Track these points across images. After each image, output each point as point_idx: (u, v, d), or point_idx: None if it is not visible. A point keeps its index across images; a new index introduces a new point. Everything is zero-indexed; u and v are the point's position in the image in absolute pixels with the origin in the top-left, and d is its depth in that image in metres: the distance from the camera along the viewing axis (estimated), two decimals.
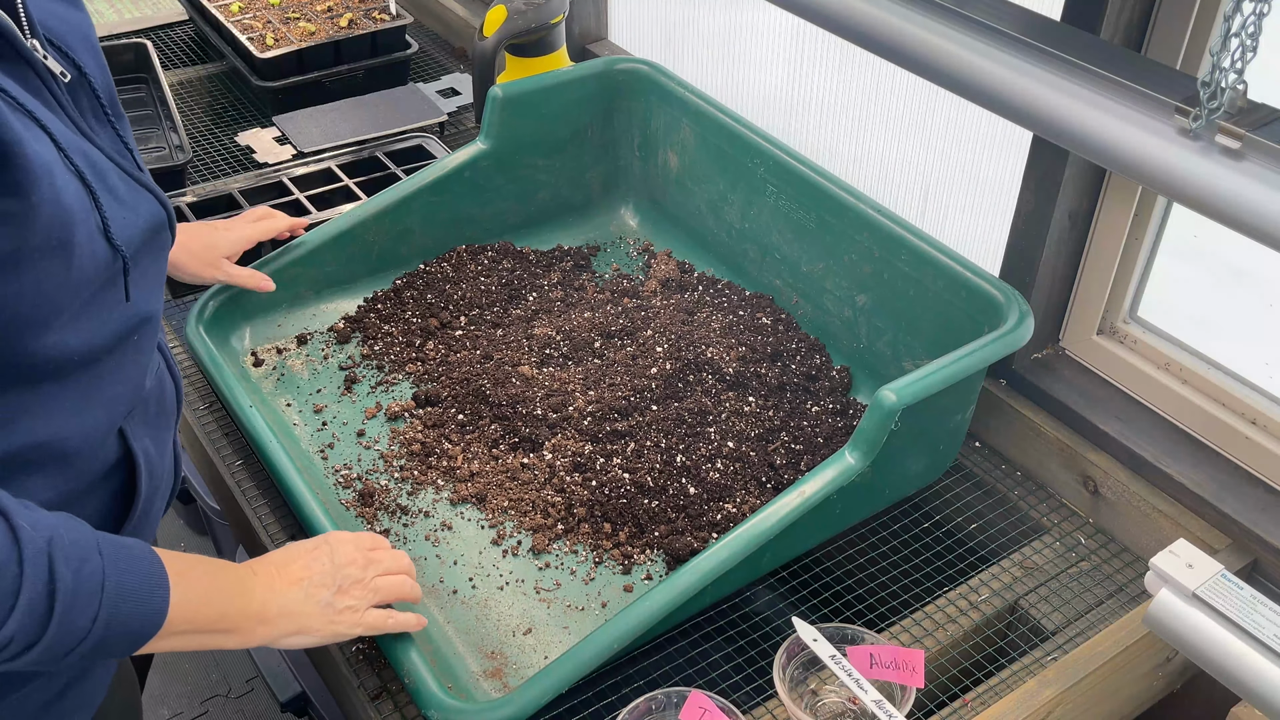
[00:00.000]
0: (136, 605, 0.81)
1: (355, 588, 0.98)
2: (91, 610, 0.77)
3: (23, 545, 0.74)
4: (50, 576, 0.75)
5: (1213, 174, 0.87)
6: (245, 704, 2.20)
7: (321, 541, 1.00)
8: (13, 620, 0.73)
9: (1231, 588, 0.97)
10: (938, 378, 1.11)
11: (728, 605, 1.18)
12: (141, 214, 0.86)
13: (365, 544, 1.02)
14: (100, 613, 0.78)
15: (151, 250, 0.89)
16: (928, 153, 1.51)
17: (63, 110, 0.82)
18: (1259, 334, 1.21)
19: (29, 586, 0.74)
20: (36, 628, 0.75)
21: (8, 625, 0.73)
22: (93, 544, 0.79)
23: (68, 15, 0.87)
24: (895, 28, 1.07)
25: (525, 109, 1.54)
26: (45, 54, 0.81)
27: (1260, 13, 0.83)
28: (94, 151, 0.83)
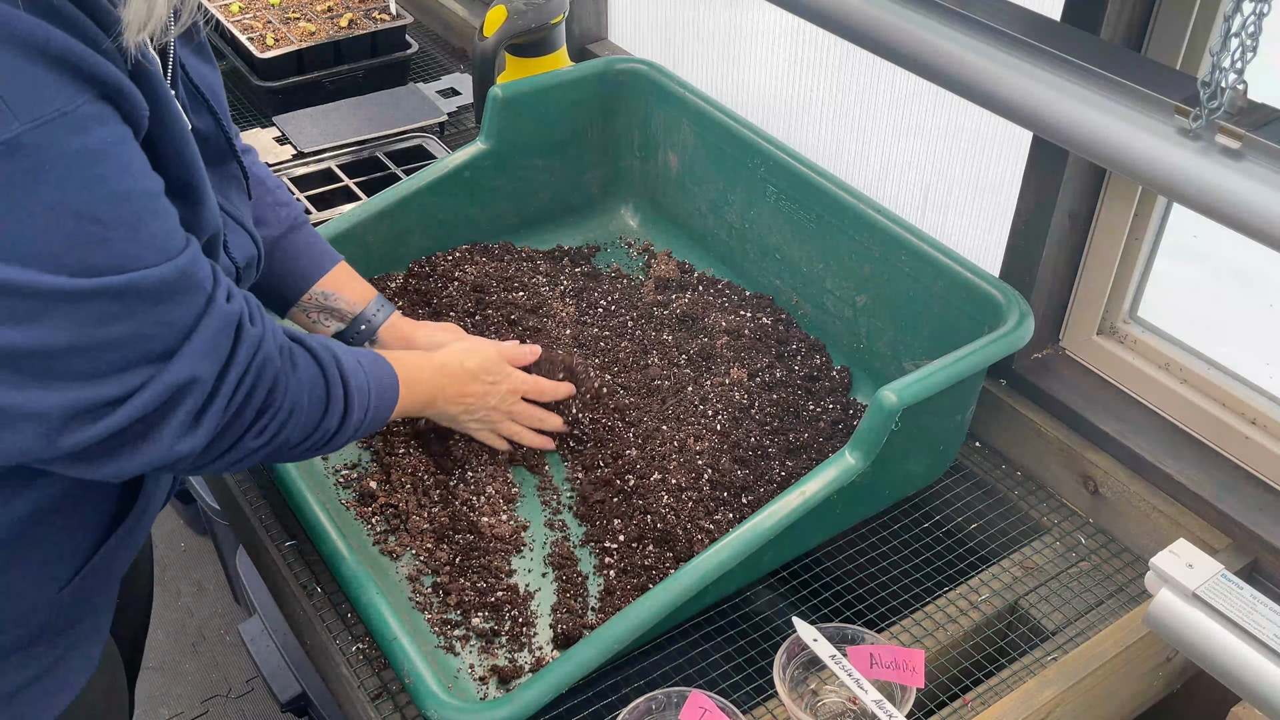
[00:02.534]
0: (385, 402, 1.08)
1: (496, 415, 1.25)
2: (365, 403, 1.05)
3: (321, 361, 1.00)
4: (343, 383, 1.01)
5: (1213, 174, 0.87)
6: (245, 704, 2.20)
7: (495, 383, 1.24)
8: (328, 415, 1.00)
9: (1231, 588, 0.97)
10: (938, 378, 1.11)
11: (728, 605, 1.18)
12: (240, 250, 1.02)
13: (521, 391, 1.26)
14: (370, 406, 1.05)
15: (243, 282, 1.05)
16: (928, 153, 1.51)
17: None
18: (1259, 334, 1.21)
19: (333, 390, 1.00)
20: (339, 419, 1.01)
21: (325, 420, 0.99)
22: (355, 357, 1.06)
23: (208, 74, 1.03)
24: (895, 28, 1.07)
25: (525, 109, 1.54)
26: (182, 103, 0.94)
27: (1260, 13, 0.83)
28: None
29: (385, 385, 1.08)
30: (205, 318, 0.84)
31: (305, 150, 1.79)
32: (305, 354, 0.99)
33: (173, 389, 0.82)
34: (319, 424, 0.99)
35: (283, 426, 0.94)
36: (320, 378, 0.99)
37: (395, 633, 1.03)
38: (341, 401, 1.01)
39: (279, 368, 0.93)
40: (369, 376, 1.06)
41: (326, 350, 1.01)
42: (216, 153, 1.02)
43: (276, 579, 1.22)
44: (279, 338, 0.95)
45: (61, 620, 0.98)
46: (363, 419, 1.05)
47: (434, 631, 1.11)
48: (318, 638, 1.14)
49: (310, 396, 0.97)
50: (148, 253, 0.79)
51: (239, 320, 0.88)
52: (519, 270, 1.55)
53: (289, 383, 0.94)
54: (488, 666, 1.08)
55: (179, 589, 2.41)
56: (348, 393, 1.02)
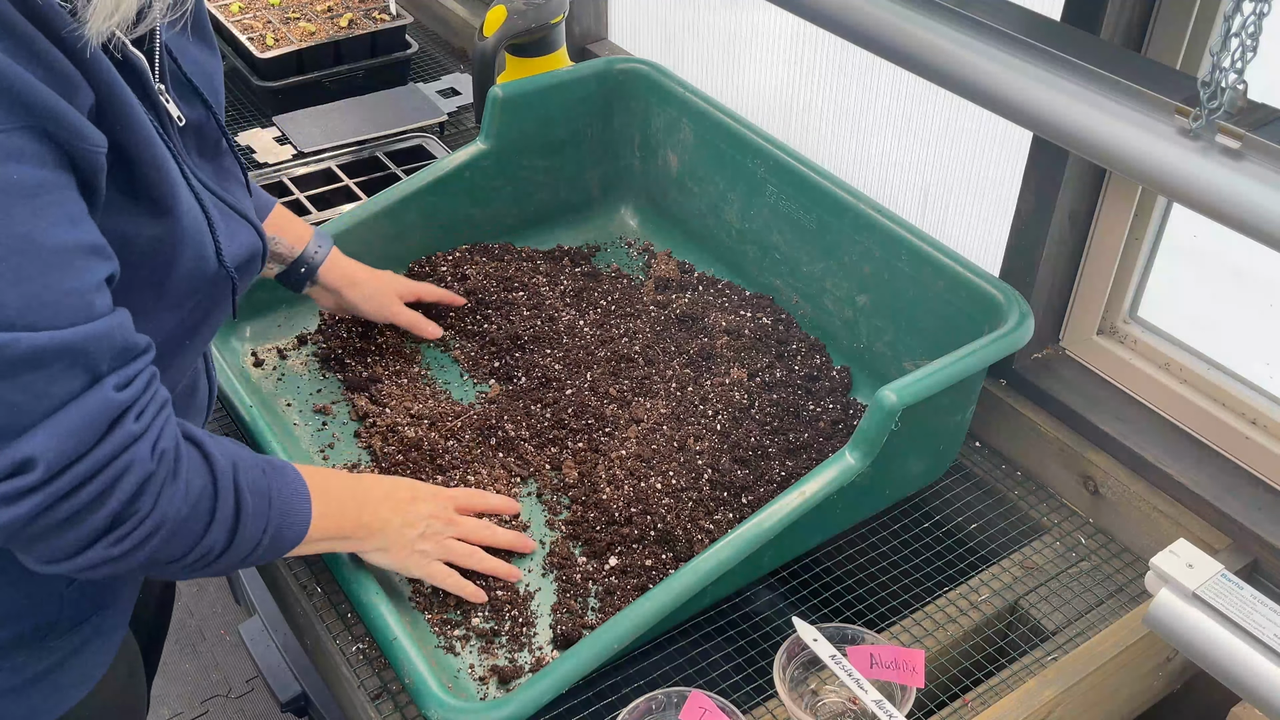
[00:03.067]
0: (291, 520, 0.97)
1: (432, 539, 1.10)
2: (263, 522, 0.94)
3: (215, 470, 0.90)
4: (236, 495, 0.91)
5: (1213, 174, 0.87)
6: (245, 704, 2.20)
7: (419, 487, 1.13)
8: (211, 532, 0.89)
9: (1231, 588, 0.97)
10: (938, 378, 1.11)
11: (728, 605, 1.18)
12: (238, 243, 0.97)
13: (456, 502, 1.14)
14: (268, 524, 0.95)
15: (245, 275, 1.00)
16: (928, 153, 1.51)
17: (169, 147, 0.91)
18: (1259, 334, 1.21)
19: (222, 504, 0.90)
20: (226, 537, 0.91)
21: (207, 537, 0.89)
22: (259, 467, 0.95)
23: (205, 61, 1.00)
24: (895, 28, 1.07)
25: (525, 109, 1.54)
26: (169, 98, 0.91)
27: (1260, 13, 0.83)
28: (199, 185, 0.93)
29: (290, 504, 0.97)
30: (76, 401, 0.76)
31: (305, 150, 1.79)
32: (198, 460, 0.89)
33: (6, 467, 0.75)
34: (199, 542, 0.89)
35: (148, 538, 0.84)
36: (210, 489, 0.89)
37: (395, 633, 1.03)
38: (231, 519, 0.91)
39: (149, 473, 0.82)
40: (273, 494, 0.95)
41: (226, 460, 0.91)
42: (210, 145, 0.99)
43: (276, 579, 1.22)
44: (166, 440, 0.84)
45: (75, 613, 0.97)
46: (258, 539, 0.94)
47: (434, 631, 1.11)
48: (318, 638, 1.14)
49: (191, 510, 0.87)
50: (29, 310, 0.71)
51: (120, 412, 0.79)
52: (519, 270, 1.55)
53: (162, 492, 0.84)
54: (488, 666, 1.08)
55: (179, 589, 2.41)
56: (240, 508, 0.91)
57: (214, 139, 1.00)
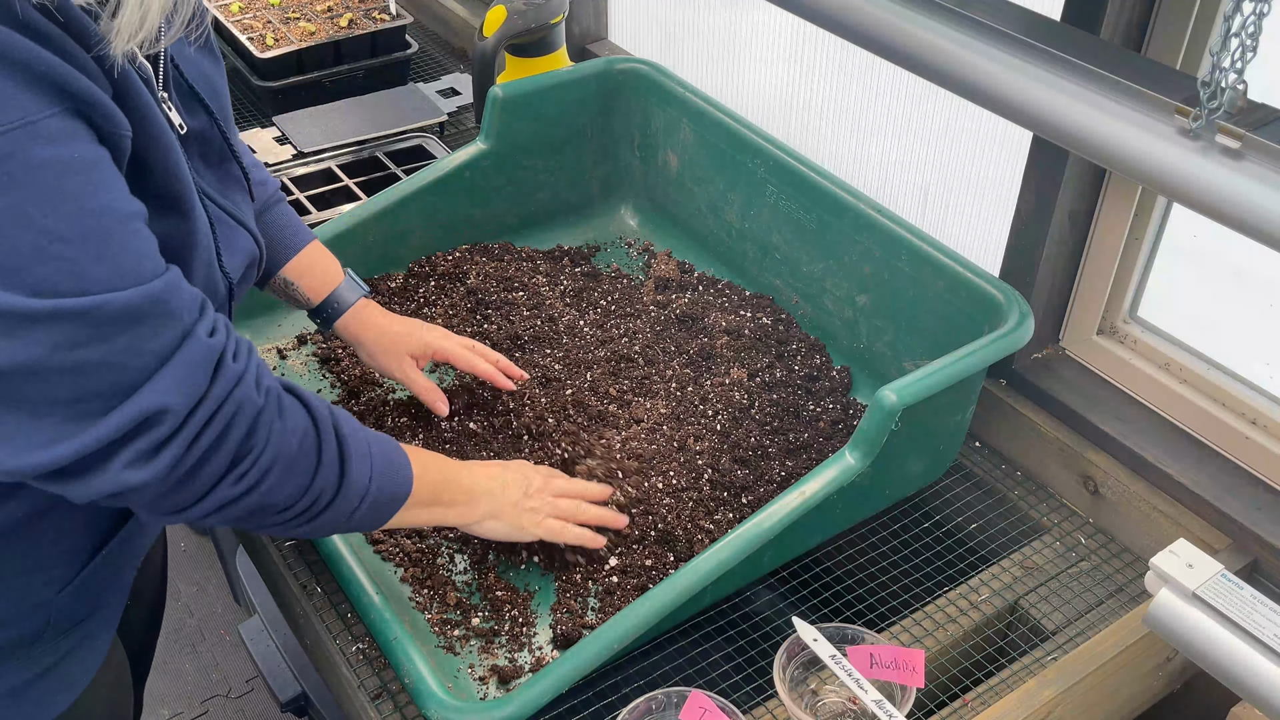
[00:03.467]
0: (395, 473, 0.98)
1: (538, 495, 1.13)
2: (366, 470, 0.94)
3: (315, 413, 0.91)
4: (339, 437, 0.93)
5: (1213, 174, 0.87)
6: (245, 704, 2.20)
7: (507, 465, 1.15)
8: (320, 474, 0.90)
9: (1231, 588, 0.97)
10: (938, 378, 1.11)
11: (728, 605, 1.18)
12: (237, 251, 0.98)
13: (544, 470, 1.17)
14: (373, 474, 0.95)
15: (242, 284, 1.02)
16: (928, 153, 1.51)
17: None
18: (1259, 334, 1.21)
19: (326, 444, 0.91)
20: (335, 483, 0.92)
21: (317, 479, 0.90)
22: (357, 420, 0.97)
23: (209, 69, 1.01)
24: (895, 28, 1.07)
25: (525, 109, 1.54)
26: (170, 106, 0.92)
27: (1260, 13, 0.83)
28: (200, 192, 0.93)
29: (391, 457, 0.99)
30: (180, 350, 0.80)
31: (305, 150, 1.79)
32: (296, 403, 0.91)
33: (136, 419, 0.77)
34: (310, 483, 0.90)
35: (264, 475, 0.86)
36: (312, 430, 0.91)
37: (395, 633, 1.03)
38: (337, 462, 0.92)
39: (260, 407, 0.86)
40: (371, 443, 0.97)
41: (324, 405, 0.94)
42: (215, 153, 1.00)
43: (276, 579, 1.22)
44: (267, 380, 0.88)
45: (63, 621, 0.98)
46: (365, 488, 0.94)
47: (434, 631, 1.11)
48: (318, 638, 1.14)
49: (299, 447, 0.89)
50: (115, 276, 0.75)
51: (219, 355, 0.83)
52: (519, 270, 1.55)
53: (273, 428, 0.87)
54: (488, 666, 1.08)
55: (179, 589, 2.41)
56: (344, 452, 0.93)
57: (217, 147, 1.00)
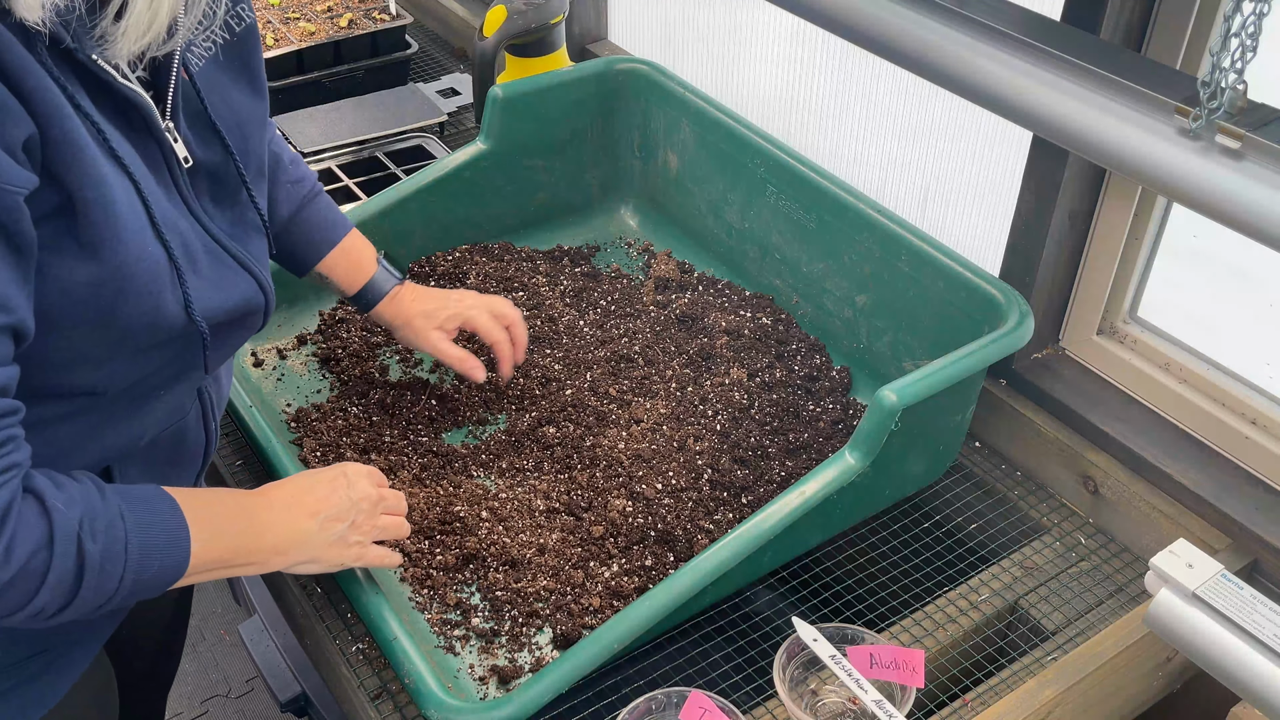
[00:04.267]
0: (161, 559, 0.86)
1: (365, 523, 1.03)
2: (117, 574, 0.83)
3: (55, 528, 0.80)
4: (79, 554, 0.81)
5: (1213, 174, 0.87)
6: (245, 704, 2.20)
7: (339, 474, 1.03)
8: (41, 594, 0.80)
9: (1231, 588, 0.97)
10: (938, 378, 1.11)
11: (728, 605, 1.18)
12: (232, 295, 0.93)
13: (376, 480, 1.06)
14: (125, 574, 0.84)
15: (235, 329, 0.96)
16: (928, 153, 1.51)
17: (176, 188, 0.88)
18: (1259, 334, 1.21)
19: (58, 565, 0.80)
20: (65, 596, 0.81)
21: (37, 599, 0.80)
22: (116, 513, 0.84)
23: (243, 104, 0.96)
24: (895, 28, 1.07)
25: (525, 109, 1.54)
26: (177, 137, 0.88)
27: (1260, 13, 0.83)
28: (191, 231, 0.89)
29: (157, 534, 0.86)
30: None
31: (305, 150, 1.79)
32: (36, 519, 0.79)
33: None
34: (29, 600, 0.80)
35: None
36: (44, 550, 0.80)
37: (395, 633, 1.03)
38: (71, 581, 0.81)
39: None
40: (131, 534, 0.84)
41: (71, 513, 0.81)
42: (228, 190, 0.95)
43: (276, 579, 1.22)
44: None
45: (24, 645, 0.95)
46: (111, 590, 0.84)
47: (434, 631, 1.11)
48: (318, 638, 1.14)
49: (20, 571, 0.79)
50: None
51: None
52: (519, 270, 1.55)
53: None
54: (488, 666, 1.08)
55: None
56: (82, 567, 0.81)
57: (232, 186, 0.96)
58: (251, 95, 0.99)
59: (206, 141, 0.93)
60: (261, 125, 1.00)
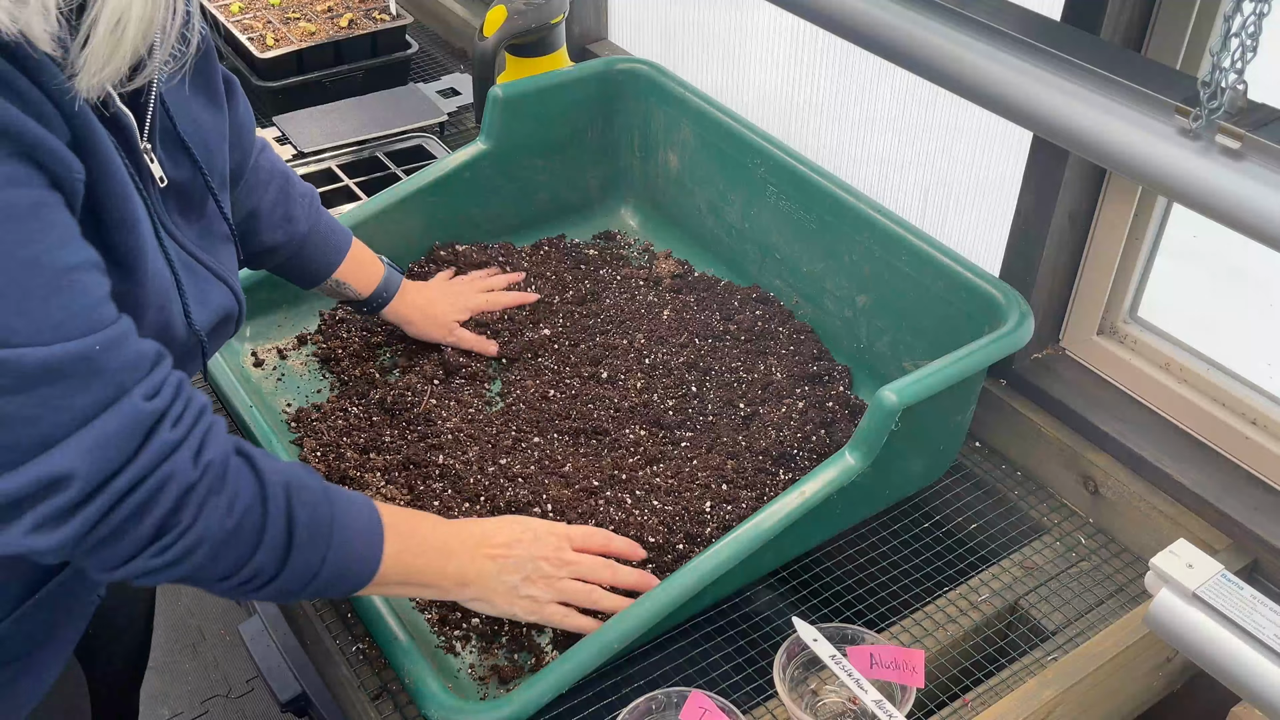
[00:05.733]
0: (357, 553, 0.91)
1: (542, 582, 1.04)
2: (320, 551, 0.88)
3: (266, 487, 0.85)
4: (288, 516, 0.86)
5: (1213, 174, 0.87)
6: (245, 704, 2.20)
7: (525, 529, 1.05)
8: (259, 553, 0.85)
9: (1232, 588, 0.97)
10: (938, 378, 1.11)
11: (728, 605, 1.18)
12: (211, 305, 0.95)
13: (573, 541, 1.07)
14: (328, 554, 0.89)
15: (216, 336, 0.99)
16: (928, 153, 1.51)
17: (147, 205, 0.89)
18: (1259, 334, 1.21)
19: (271, 525, 0.85)
20: (278, 561, 0.86)
21: (255, 557, 0.85)
22: (322, 492, 0.90)
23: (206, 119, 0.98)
24: (895, 28, 1.07)
25: (525, 109, 1.54)
26: (153, 157, 0.89)
27: (1260, 13, 0.83)
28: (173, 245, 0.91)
29: (359, 531, 0.92)
30: (107, 413, 0.76)
31: (305, 150, 1.79)
32: (247, 474, 0.85)
33: (41, 481, 0.74)
34: (246, 561, 0.85)
35: (189, 552, 0.81)
36: (258, 507, 0.85)
37: (395, 633, 1.03)
38: (282, 545, 0.86)
39: (192, 483, 0.80)
40: (336, 516, 0.90)
41: (281, 477, 0.87)
42: (195, 205, 0.97)
43: None
44: (210, 451, 0.82)
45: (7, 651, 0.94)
46: (314, 568, 0.88)
47: (434, 631, 1.11)
48: (318, 638, 1.14)
49: (236, 526, 0.83)
50: (36, 330, 0.72)
51: (153, 423, 0.78)
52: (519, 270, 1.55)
53: (206, 504, 0.81)
54: (488, 666, 1.08)
55: (179, 589, 2.41)
56: (292, 534, 0.86)
57: (199, 199, 0.97)
58: (212, 109, 1.00)
59: (176, 160, 0.94)
60: (223, 139, 1.01)
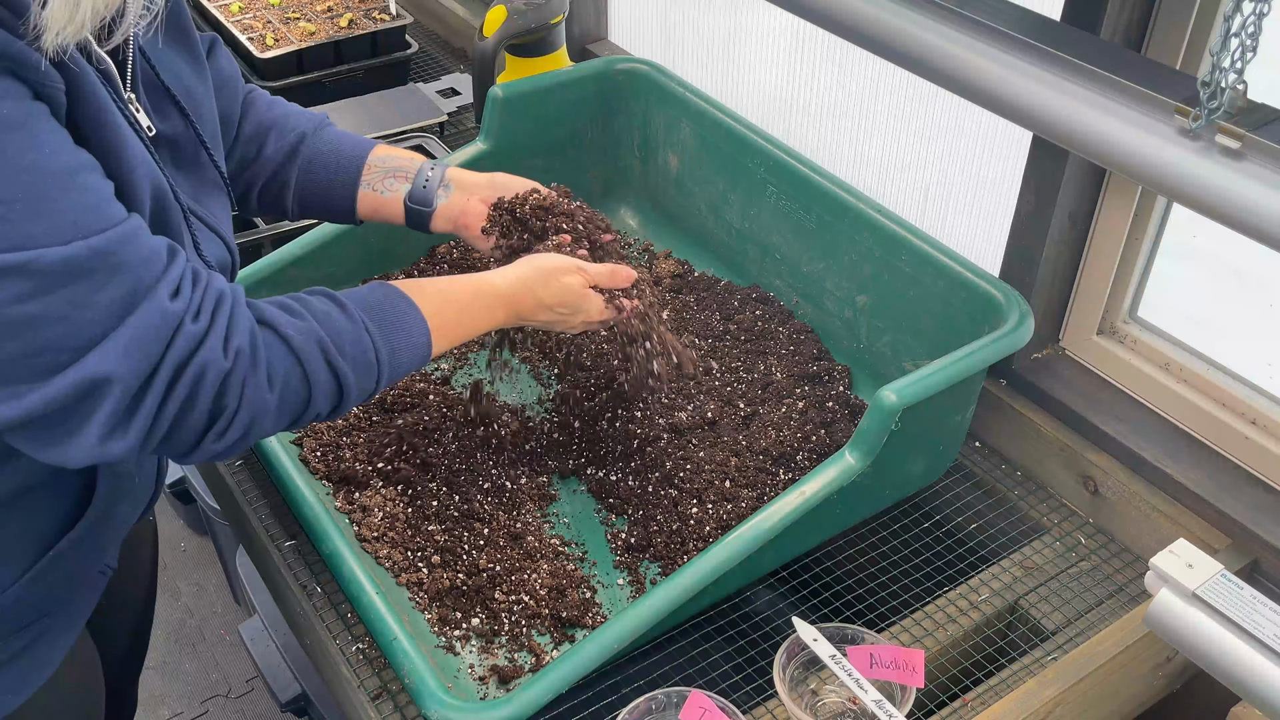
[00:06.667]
0: (409, 355, 0.99)
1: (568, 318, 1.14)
2: (372, 377, 0.96)
3: (298, 351, 0.90)
4: (330, 369, 0.92)
5: (1213, 174, 0.87)
6: (245, 704, 2.20)
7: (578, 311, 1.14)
8: (314, 403, 0.92)
9: (1231, 588, 0.97)
10: (938, 378, 1.11)
11: (728, 605, 1.18)
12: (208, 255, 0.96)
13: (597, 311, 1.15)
14: (380, 375, 0.96)
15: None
16: (928, 153, 1.51)
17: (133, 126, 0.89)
18: (1259, 334, 1.21)
19: (315, 378, 0.91)
20: (334, 399, 0.93)
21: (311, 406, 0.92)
22: (361, 327, 0.95)
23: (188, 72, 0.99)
24: (895, 28, 1.07)
25: (525, 109, 1.54)
26: (139, 107, 0.90)
27: (1260, 13, 0.83)
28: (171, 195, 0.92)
29: (398, 334, 0.98)
30: (135, 313, 0.79)
31: None
32: (278, 346, 0.89)
33: (85, 385, 0.77)
34: (303, 413, 0.92)
35: (246, 429, 0.87)
36: (296, 369, 0.90)
37: (395, 633, 1.03)
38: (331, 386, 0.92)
39: (225, 370, 0.84)
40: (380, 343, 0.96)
41: (310, 334, 0.91)
42: (188, 157, 0.98)
43: (276, 579, 1.22)
44: (237, 337, 0.86)
45: (16, 619, 0.96)
46: (371, 386, 0.96)
47: (434, 631, 1.11)
48: (318, 638, 1.14)
49: (282, 393, 0.89)
50: (53, 231, 0.74)
51: (178, 321, 0.81)
52: None
53: (246, 385, 0.86)
54: (488, 666, 1.08)
55: (179, 589, 2.41)
56: (339, 375, 0.92)
57: (191, 151, 0.98)
58: (193, 64, 1.01)
59: (163, 111, 0.95)
60: (208, 91, 1.02)
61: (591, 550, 1.21)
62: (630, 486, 1.25)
